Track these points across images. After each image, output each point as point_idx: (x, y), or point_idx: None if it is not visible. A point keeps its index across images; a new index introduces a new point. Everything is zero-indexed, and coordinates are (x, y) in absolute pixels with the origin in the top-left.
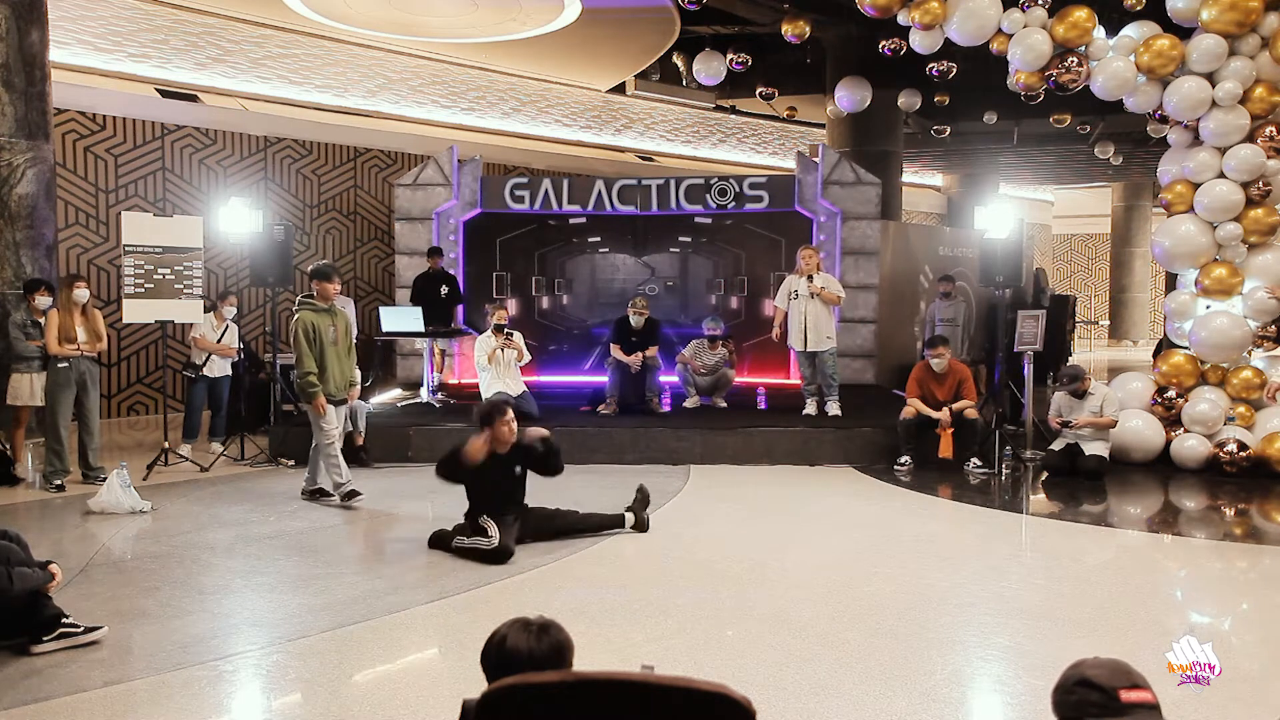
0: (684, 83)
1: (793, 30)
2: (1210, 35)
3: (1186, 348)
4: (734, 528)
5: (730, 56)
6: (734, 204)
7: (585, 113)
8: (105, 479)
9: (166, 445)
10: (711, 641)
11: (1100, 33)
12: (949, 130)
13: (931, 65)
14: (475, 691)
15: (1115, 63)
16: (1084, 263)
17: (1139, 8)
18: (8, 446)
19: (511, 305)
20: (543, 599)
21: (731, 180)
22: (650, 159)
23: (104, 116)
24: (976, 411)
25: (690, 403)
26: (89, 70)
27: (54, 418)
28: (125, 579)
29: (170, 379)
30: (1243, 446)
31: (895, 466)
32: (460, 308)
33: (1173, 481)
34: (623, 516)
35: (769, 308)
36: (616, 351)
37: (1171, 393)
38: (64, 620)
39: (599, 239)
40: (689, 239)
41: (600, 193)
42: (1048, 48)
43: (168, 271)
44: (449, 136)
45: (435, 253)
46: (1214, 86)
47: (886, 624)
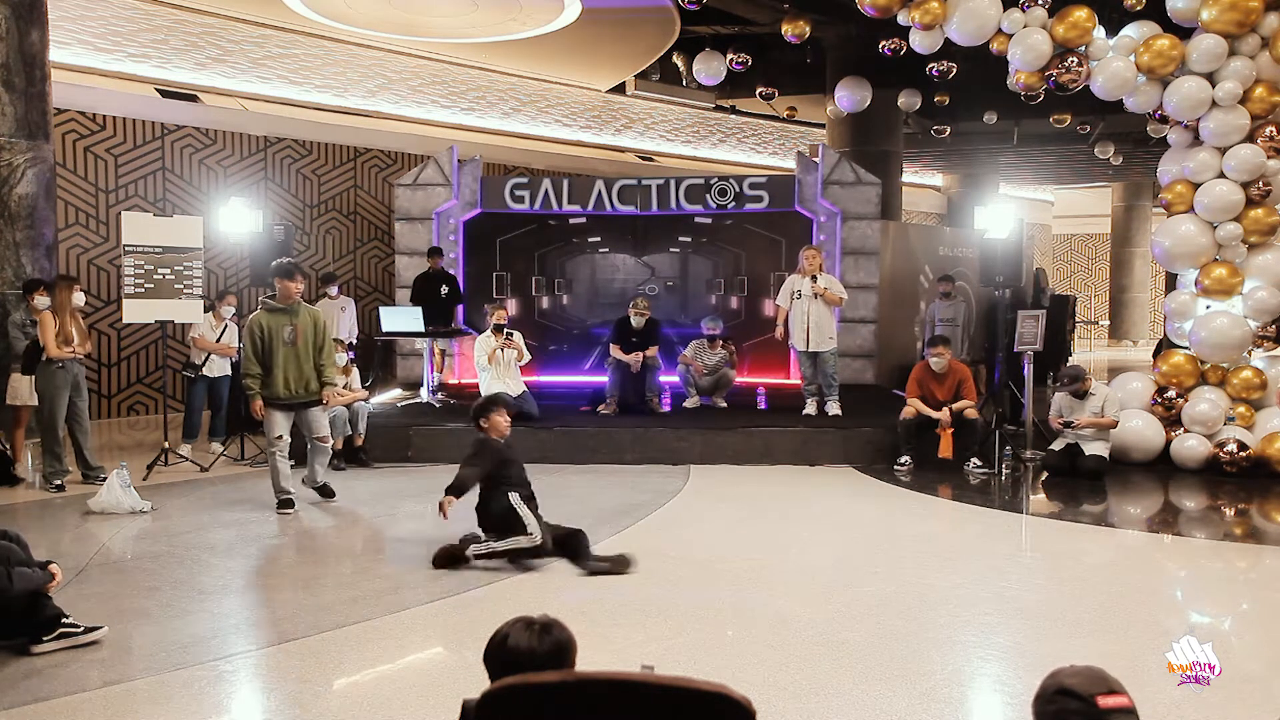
0: (684, 83)
1: (793, 30)
2: (1210, 35)
3: (1186, 348)
4: (734, 528)
5: (730, 56)
6: (734, 204)
7: (585, 113)
8: (105, 479)
9: (166, 445)
10: (711, 641)
11: (1100, 33)
12: (949, 130)
13: (931, 65)
14: (475, 691)
15: (1115, 63)
16: (1084, 263)
17: (1139, 8)
18: (8, 446)
19: (511, 305)
20: (543, 599)
21: (731, 180)
22: (650, 159)
23: (104, 116)
24: (976, 411)
25: (690, 403)
26: (89, 70)
27: (52, 419)
28: (125, 579)
29: (170, 379)
30: (1243, 446)
31: (895, 466)
32: (460, 308)
33: (1173, 481)
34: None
35: (769, 308)
36: (616, 351)
37: (1171, 393)
38: (64, 620)
39: (599, 239)
40: (689, 239)
41: (600, 193)
42: (1048, 48)
43: (168, 271)
44: (449, 136)
45: (435, 253)
46: (1214, 86)
47: (886, 624)
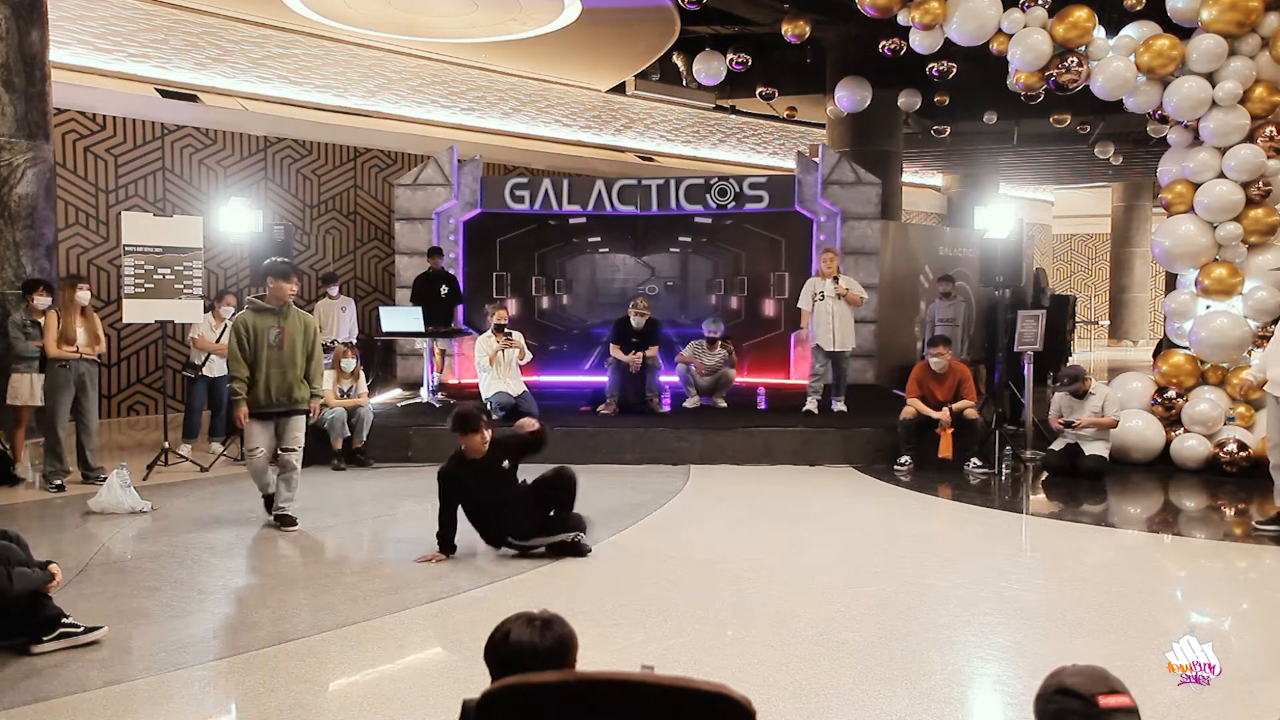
0: (684, 83)
1: (793, 30)
2: (1210, 35)
3: (1186, 348)
4: (734, 528)
5: (730, 56)
6: (734, 204)
7: (585, 113)
8: (105, 479)
9: (166, 445)
10: (711, 641)
11: (1100, 33)
12: (949, 130)
13: (931, 65)
14: (475, 691)
15: (1115, 63)
16: (1084, 263)
17: (1139, 8)
18: (8, 446)
19: (511, 305)
20: (543, 599)
21: (731, 180)
22: (650, 159)
23: (104, 116)
24: (976, 411)
25: (690, 403)
26: (89, 70)
27: (53, 418)
28: (125, 579)
29: (170, 379)
30: (1243, 446)
31: (895, 466)
32: (460, 308)
33: (1173, 481)
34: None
35: (769, 307)
36: (616, 351)
37: (1171, 393)
38: (64, 620)
39: (599, 239)
40: (689, 239)
41: (600, 193)
42: (1048, 48)
43: (168, 271)
44: (449, 136)
45: (435, 253)
46: (1214, 86)
47: (886, 624)
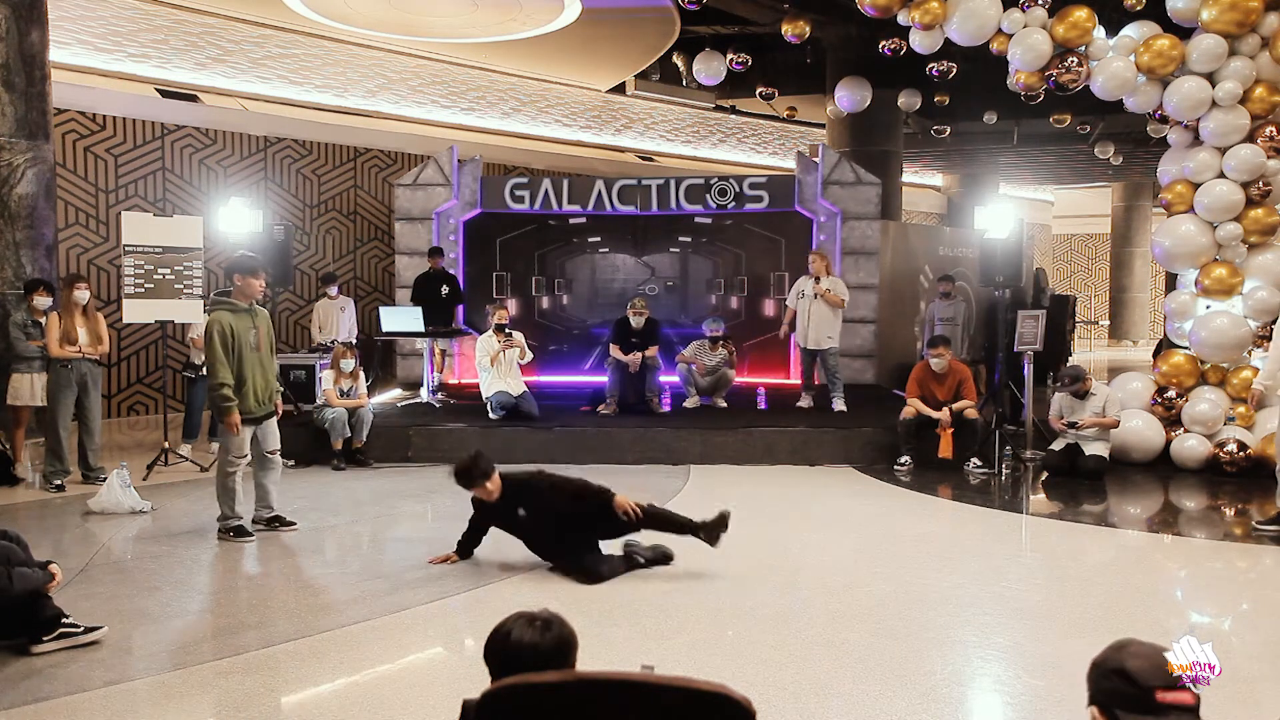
0: (684, 83)
1: (793, 30)
2: (1210, 35)
3: (1186, 348)
4: (734, 528)
5: (730, 56)
6: (734, 204)
7: (585, 113)
8: (105, 479)
9: (166, 445)
10: (711, 641)
11: (1100, 33)
12: (949, 130)
13: (931, 65)
14: (475, 691)
15: (1115, 63)
16: (1084, 263)
17: (1139, 8)
18: (8, 446)
19: (512, 305)
20: (542, 599)
21: (731, 180)
22: (650, 159)
23: (104, 116)
24: (976, 411)
25: (690, 403)
26: (89, 70)
27: (54, 418)
28: (125, 579)
29: (170, 379)
30: (1243, 446)
31: (895, 466)
32: (460, 308)
33: (1173, 481)
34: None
35: (769, 307)
36: (616, 352)
37: (1171, 393)
38: (64, 620)
39: (599, 239)
40: (689, 239)
41: (600, 193)
42: (1048, 48)
43: (168, 271)
44: (449, 136)
45: (435, 253)
46: (1214, 86)
47: (886, 624)
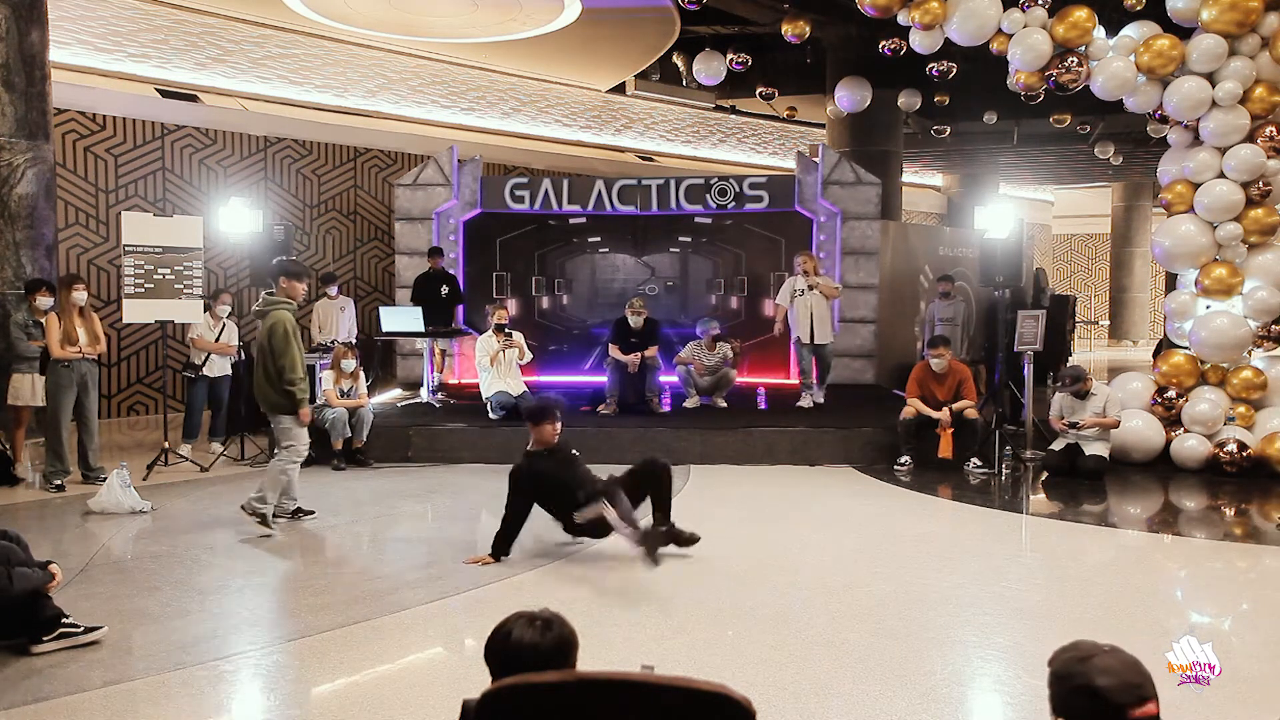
0: (684, 83)
1: (793, 30)
2: (1210, 35)
3: (1186, 348)
4: (734, 528)
5: (730, 56)
6: (734, 204)
7: (585, 113)
8: (105, 479)
9: (166, 445)
10: (711, 641)
11: (1100, 33)
12: (949, 130)
13: (931, 65)
14: (475, 691)
15: (1115, 63)
16: (1084, 263)
17: (1139, 8)
18: (8, 446)
19: (511, 305)
20: (542, 599)
21: (731, 180)
22: (650, 159)
23: (104, 116)
24: (976, 411)
25: (690, 403)
26: (89, 70)
27: (55, 418)
28: (125, 579)
29: (170, 379)
30: (1243, 446)
31: (895, 466)
32: (460, 308)
33: (1173, 481)
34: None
35: (769, 308)
36: (615, 352)
37: (1171, 393)
38: (64, 620)
39: (599, 239)
40: (689, 239)
41: (600, 193)
42: (1048, 48)
43: (168, 271)
44: (449, 136)
45: (435, 253)
46: (1214, 86)
47: (886, 624)
